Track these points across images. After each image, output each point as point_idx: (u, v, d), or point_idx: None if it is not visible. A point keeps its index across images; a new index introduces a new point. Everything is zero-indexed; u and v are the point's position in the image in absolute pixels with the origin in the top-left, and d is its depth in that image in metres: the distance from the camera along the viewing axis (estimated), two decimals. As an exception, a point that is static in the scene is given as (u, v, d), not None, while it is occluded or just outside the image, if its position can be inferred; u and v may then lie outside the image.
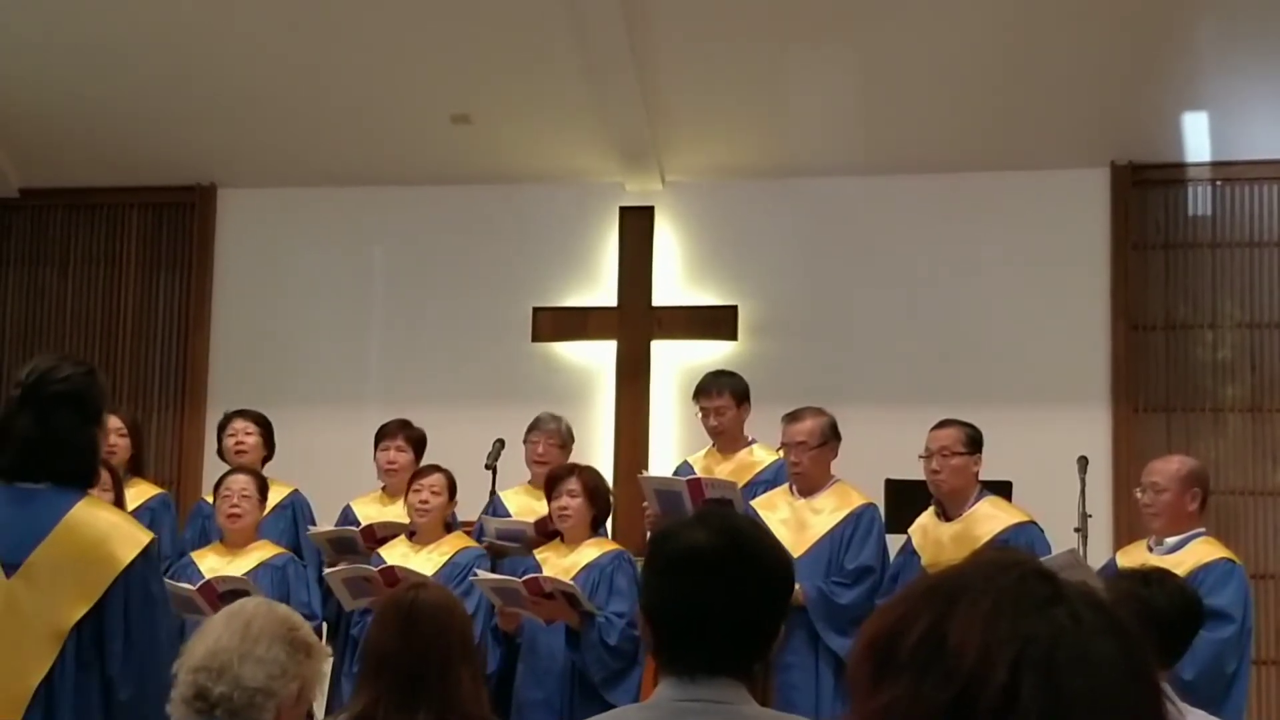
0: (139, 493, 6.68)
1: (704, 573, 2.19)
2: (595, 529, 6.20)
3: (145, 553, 3.54)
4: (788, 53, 7.69)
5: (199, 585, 5.81)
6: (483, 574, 5.97)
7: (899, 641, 1.16)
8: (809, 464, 6.16)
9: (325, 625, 6.50)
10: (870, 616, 1.22)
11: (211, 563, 6.29)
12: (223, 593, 5.70)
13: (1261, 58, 7.53)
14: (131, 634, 3.48)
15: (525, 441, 6.96)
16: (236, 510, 6.30)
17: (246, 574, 6.12)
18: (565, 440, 6.98)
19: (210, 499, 6.69)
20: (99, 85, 8.32)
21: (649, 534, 6.45)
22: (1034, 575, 1.20)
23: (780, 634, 2.27)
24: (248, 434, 6.99)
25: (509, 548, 6.47)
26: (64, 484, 3.57)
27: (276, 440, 7.07)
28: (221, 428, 7.11)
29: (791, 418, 6.25)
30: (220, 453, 7.08)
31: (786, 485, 6.33)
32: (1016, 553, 1.27)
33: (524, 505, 6.79)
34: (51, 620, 3.45)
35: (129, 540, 3.55)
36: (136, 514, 6.49)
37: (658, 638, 2.24)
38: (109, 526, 3.58)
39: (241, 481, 6.37)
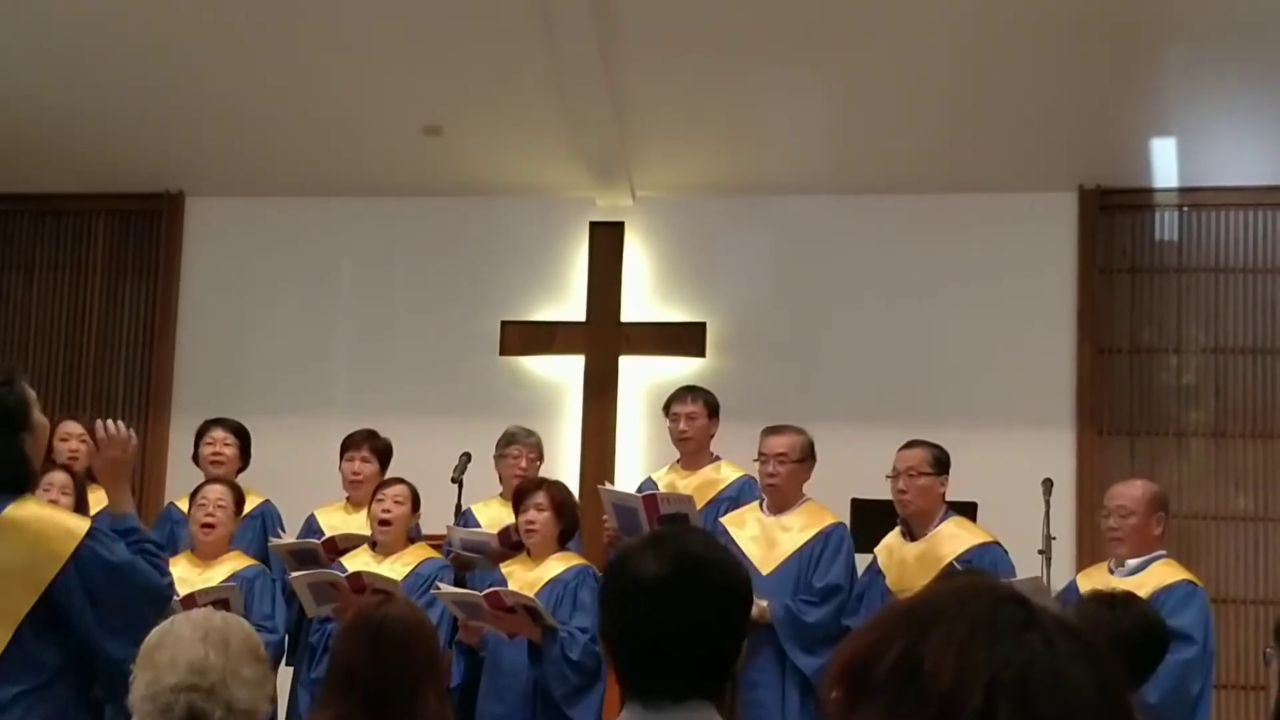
0: (99, 499, 6.61)
1: (656, 602, 2.15)
2: (563, 544, 6.18)
3: (89, 536, 3.61)
4: (760, 71, 7.71)
5: (181, 598, 5.70)
6: (445, 587, 5.93)
7: (874, 666, 1.16)
8: (786, 477, 6.17)
9: (286, 637, 6.46)
10: (844, 641, 1.22)
11: (182, 571, 6.18)
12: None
13: (1229, 84, 7.58)
14: (102, 602, 3.54)
15: (502, 456, 6.94)
16: (211, 520, 6.22)
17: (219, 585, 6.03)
18: (541, 454, 7.03)
19: (180, 504, 6.62)
20: (66, 91, 8.25)
21: (608, 549, 6.47)
22: (1008, 601, 1.20)
23: (744, 650, 2.23)
24: (226, 445, 6.92)
25: (474, 559, 6.45)
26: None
27: (242, 450, 7.01)
28: (199, 435, 7.04)
29: (772, 430, 6.28)
30: (195, 459, 7.00)
31: (756, 502, 6.34)
32: (990, 578, 1.27)
33: (496, 518, 6.77)
34: None
35: (66, 535, 3.60)
36: (96, 520, 6.44)
37: (619, 665, 2.21)
38: (45, 524, 3.64)
39: (218, 492, 6.30)
